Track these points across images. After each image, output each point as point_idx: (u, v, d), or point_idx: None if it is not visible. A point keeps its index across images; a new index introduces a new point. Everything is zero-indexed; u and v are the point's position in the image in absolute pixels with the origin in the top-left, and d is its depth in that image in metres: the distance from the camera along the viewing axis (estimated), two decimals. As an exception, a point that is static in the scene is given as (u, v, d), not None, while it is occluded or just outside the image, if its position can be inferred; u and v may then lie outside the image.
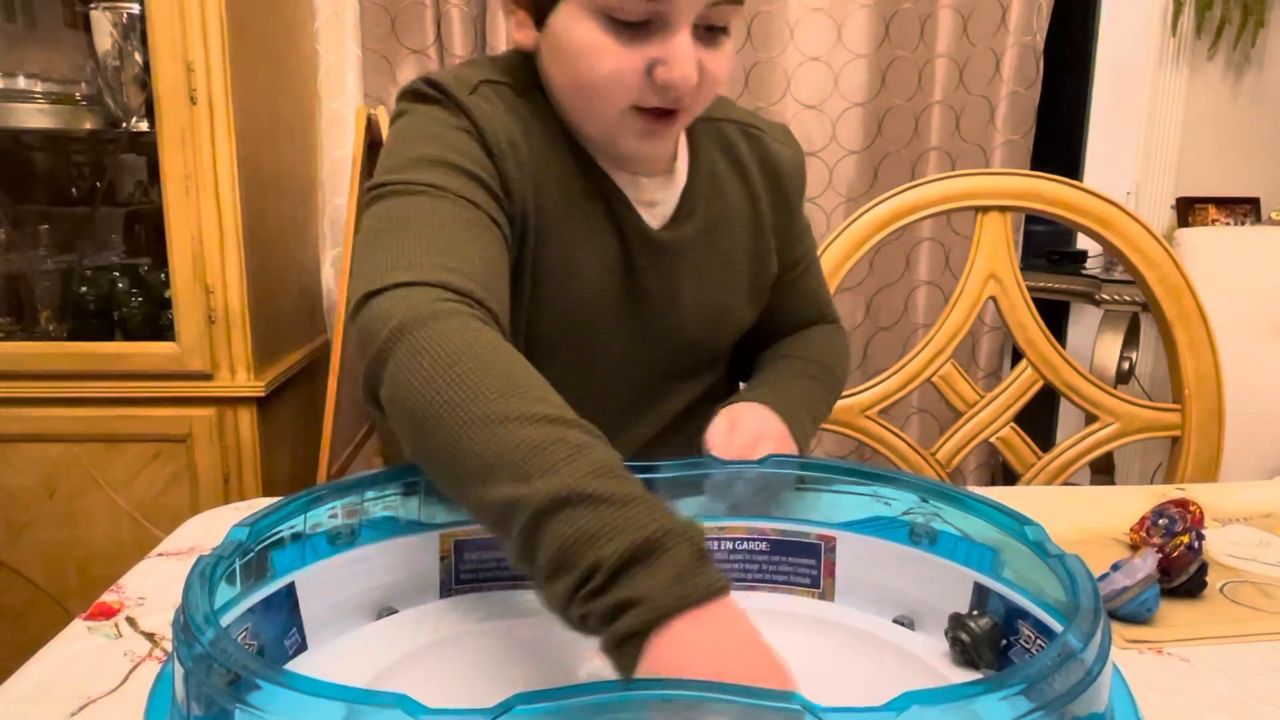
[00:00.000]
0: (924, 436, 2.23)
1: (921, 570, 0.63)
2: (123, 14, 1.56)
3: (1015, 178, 1.20)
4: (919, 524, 0.65)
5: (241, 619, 0.54)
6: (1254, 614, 0.67)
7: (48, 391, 1.56)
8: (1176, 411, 1.16)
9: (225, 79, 1.48)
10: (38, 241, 1.73)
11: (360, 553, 0.63)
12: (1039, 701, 0.39)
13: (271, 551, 0.58)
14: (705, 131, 0.85)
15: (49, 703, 0.54)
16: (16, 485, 1.60)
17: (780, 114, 2.06)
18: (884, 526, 0.66)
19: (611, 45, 0.69)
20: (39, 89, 1.62)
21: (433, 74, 0.76)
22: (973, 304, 1.20)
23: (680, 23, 0.69)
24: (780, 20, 2.03)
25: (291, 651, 0.58)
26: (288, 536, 0.59)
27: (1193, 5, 2.24)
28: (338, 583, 0.62)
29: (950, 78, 2.09)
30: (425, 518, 0.67)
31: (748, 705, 0.38)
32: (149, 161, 1.69)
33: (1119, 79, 2.34)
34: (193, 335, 1.54)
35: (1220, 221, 2.23)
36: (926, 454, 1.20)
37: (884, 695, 0.37)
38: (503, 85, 0.77)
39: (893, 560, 0.65)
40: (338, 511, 0.63)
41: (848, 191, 2.12)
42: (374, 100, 1.97)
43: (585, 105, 0.74)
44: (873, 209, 1.21)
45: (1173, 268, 1.15)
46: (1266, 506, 0.89)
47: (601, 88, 0.71)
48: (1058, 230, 2.32)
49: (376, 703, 0.37)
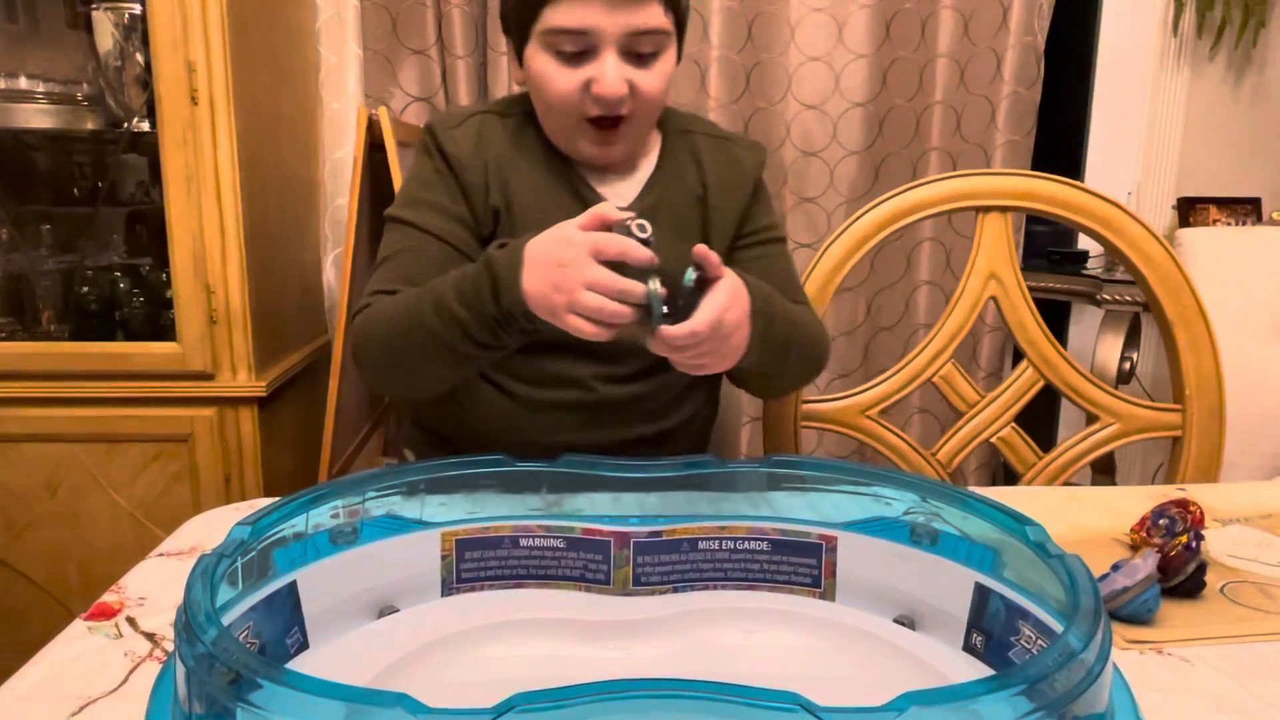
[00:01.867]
0: (925, 436, 2.23)
1: (922, 570, 0.63)
2: (124, 14, 1.56)
3: (1016, 178, 1.20)
4: (920, 524, 0.65)
5: (243, 618, 0.54)
6: (1254, 614, 0.67)
7: (49, 391, 1.56)
8: (1177, 412, 1.16)
9: (226, 79, 1.48)
10: (39, 241, 1.73)
11: (362, 552, 0.64)
12: (1040, 702, 0.39)
13: (273, 550, 0.58)
14: (679, 140, 1.04)
15: (49, 703, 0.54)
16: (18, 485, 1.60)
17: (781, 114, 2.06)
18: (885, 527, 0.66)
19: (559, 71, 0.91)
20: (40, 89, 1.62)
21: (433, 119, 1.01)
22: (974, 304, 1.20)
23: (604, 49, 0.89)
24: (781, 20, 2.03)
25: (293, 650, 0.58)
26: (289, 536, 0.60)
27: (1194, 5, 2.24)
28: (339, 582, 0.62)
29: (951, 78, 2.09)
30: (426, 517, 0.67)
31: (747, 705, 0.38)
32: (150, 162, 1.69)
33: (1120, 79, 2.34)
34: (194, 335, 1.54)
35: (1221, 222, 2.23)
36: (927, 454, 1.20)
37: (884, 695, 0.38)
38: (491, 114, 1.01)
39: (893, 560, 0.65)
40: (339, 511, 0.64)
41: (849, 191, 2.12)
42: (375, 100, 1.97)
43: (552, 120, 0.96)
44: (874, 209, 1.21)
45: (1174, 268, 1.15)
46: (1267, 507, 0.89)
47: (556, 104, 0.93)
48: (1059, 230, 2.32)
49: (378, 703, 0.37)
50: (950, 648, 0.61)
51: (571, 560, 0.68)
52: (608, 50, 0.89)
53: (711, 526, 0.68)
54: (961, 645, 0.61)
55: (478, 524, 0.67)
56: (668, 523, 0.68)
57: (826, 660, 0.62)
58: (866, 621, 0.64)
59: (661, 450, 1.01)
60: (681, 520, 0.69)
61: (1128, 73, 2.32)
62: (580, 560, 0.68)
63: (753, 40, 2.03)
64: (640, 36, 0.90)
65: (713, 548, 0.69)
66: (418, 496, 0.67)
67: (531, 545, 0.68)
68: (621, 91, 0.90)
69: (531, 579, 0.68)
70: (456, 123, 1.00)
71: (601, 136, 0.94)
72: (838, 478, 0.69)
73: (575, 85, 0.91)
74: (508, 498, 0.70)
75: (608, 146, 0.95)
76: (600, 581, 0.68)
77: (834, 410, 1.21)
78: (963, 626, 0.61)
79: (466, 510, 0.68)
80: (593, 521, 0.68)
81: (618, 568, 0.68)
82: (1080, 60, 2.38)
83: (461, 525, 0.67)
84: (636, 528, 0.68)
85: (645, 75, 0.91)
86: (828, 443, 2.22)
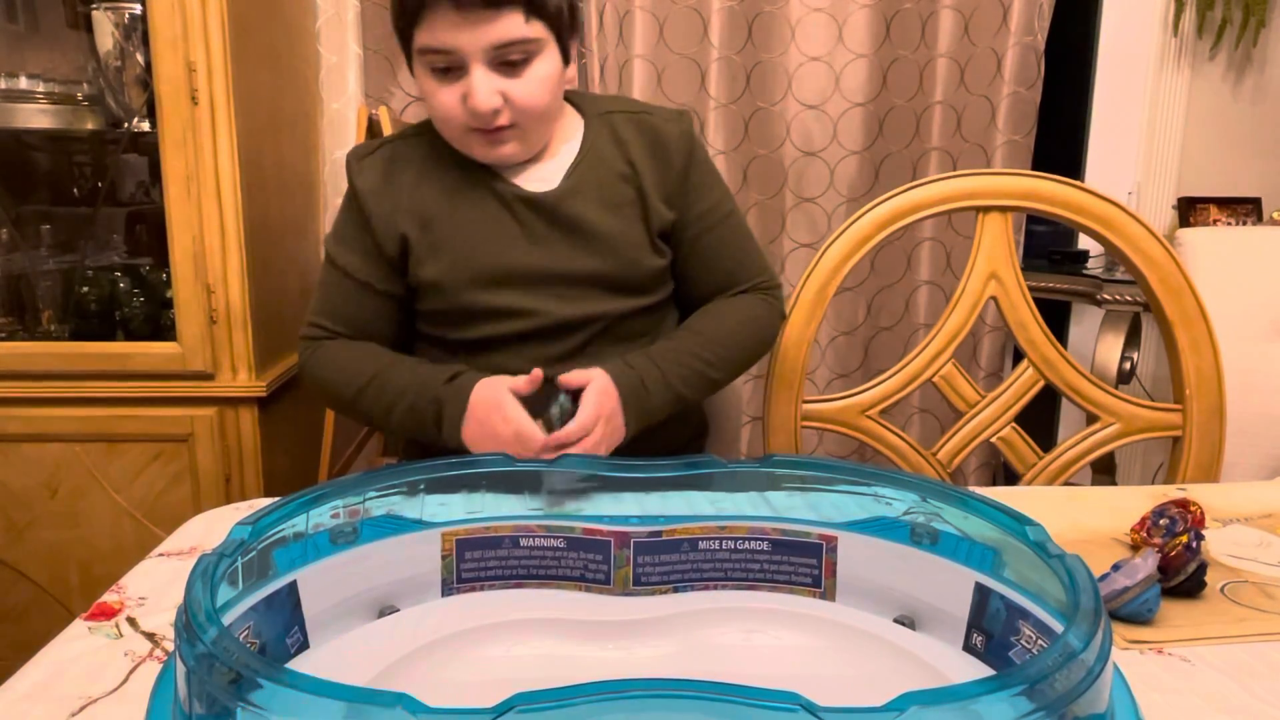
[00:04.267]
0: (925, 436, 2.23)
1: (923, 570, 0.63)
2: (124, 14, 1.56)
3: (1016, 178, 1.20)
4: (920, 524, 0.65)
5: (243, 618, 0.54)
6: (1254, 614, 0.67)
7: (49, 391, 1.56)
8: (1177, 412, 1.16)
9: (226, 79, 1.48)
10: (39, 241, 1.73)
11: (362, 551, 0.64)
12: (1040, 702, 0.39)
13: (273, 550, 0.58)
14: (599, 122, 1.07)
15: (49, 703, 0.54)
16: (18, 485, 1.60)
17: (781, 114, 2.06)
18: (885, 527, 0.66)
19: (437, 87, 0.96)
20: (41, 89, 1.62)
21: (351, 150, 1.07)
22: (974, 304, 1.20)
23: (472, 65, 0.93)
24: (781, 20, 2.03)
25: (293, 650, 0.58)
26: (290, 535, 0.60)
27: (1194, 5, 2.24)
28: (339, 581, 0.62)
29: (951, 78, 2.09)
30: (427, 516, 0.67)
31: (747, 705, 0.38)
32: (150, 162, 1.69)
33: (1120, 79, 2.34)
34: (194, 335, 1.54)
35: (1222, 222, 2.23)
36: (927, 454, 1.20)
37: (884, 695, 0.38)
38: (402, 140, 1.07)
39: (894, 560, 0.65)
40: (339, 511, 0.63)
41: (849, 191, 2.12)
42: (375, 100, 1.97)
43: (443, 130, 1.01)
44: (874, 209, 1.21)
45: (1174, 268, 1.15)
46: (1267, 506, 0.89)
47: (441, 119, 0.99)
48: (1059, 230, 2.32)
49: (378, 703, 0.37)
50: (950, 647, 0.61)
51: (572, 560, 0.68)
52: (475, 65, 0.93)
53: (711, 526, 0.68)
54: (962, 645, 0.61)
55: (478, 524, 0.67)
56: (668, 523, 0.68)
57: (827, 660, 0.62)
58: (867, 621, 0.64)
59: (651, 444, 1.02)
60: (681, 520, 0.69)
61: (1128, 73, 2.32)
62: (581, 560, 0.68)
63: (753, 40, 2.03)
64: (505, 48, 0.93)
65: (713, 548, 0.68)
66: (418, 496, 0.67)
67: (532, 545, 0.68)
68: (492, 105, 0.94)
69: (532, 579, 0.68)
70: (367, 152, 1.06)
71: (488, 139, 0.99)
72: (838, 478, 0.69)
73: (454, 99, 0.96)
74: (507, 498, 0.71)
75: (497, 148, 1.00)
76: (600, 581, 0.68)
77: (834, 410, 1.21)
78: (963, 626, 0.61)
79: (466, 510, 0.68)
80: (593, 521, 0.68)
81: (618, 567, 0.68)
82: (1080, 60, 2.38)
83: (462, 525, 0.67)
84: (636, 528, 0.68)
85: (518, 84, 0.95)
86: (828, 443, 2.22)
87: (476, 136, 0.98)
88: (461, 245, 1.02)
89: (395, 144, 1.06)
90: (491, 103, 0.94)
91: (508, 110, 0.96)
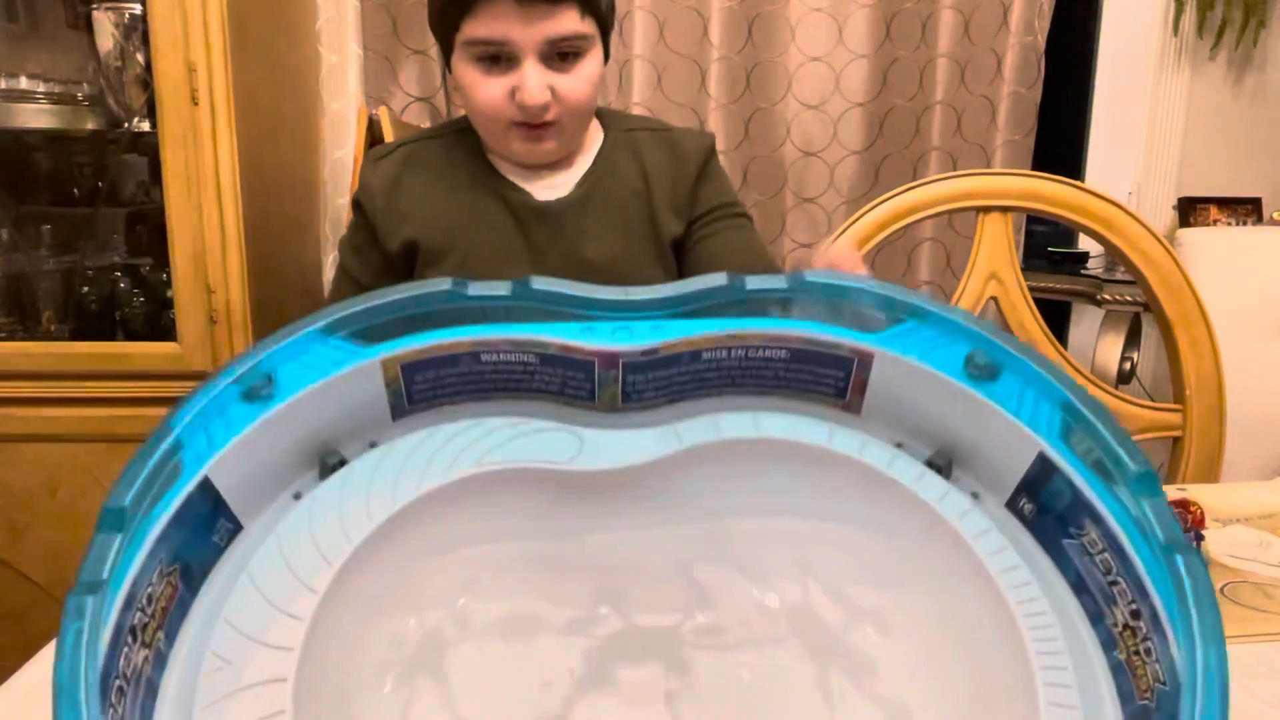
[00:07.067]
0: (925, 437, 2.23)
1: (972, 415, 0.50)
2: (124, 14, 1.56)
3: (1016, 178, 1.20)
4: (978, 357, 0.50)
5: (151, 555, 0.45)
6: (1254, 614, 0.67)
7: (49, 391, 1.56)
8: (1177, 412, 1.16)
9: (227, 79, 1.48)
10: (39, 242, 1.73)
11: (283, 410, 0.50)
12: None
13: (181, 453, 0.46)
14: (622, 138, 1.06)
15: (49, 703, 0.54)
16: (18, 485, 1.60)
17: (781, 114, 2.06)
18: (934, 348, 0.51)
19: (483, 79, 0.93)
20: (41, 89, 1.62)
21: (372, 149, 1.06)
22: (974, 304, 1.20)
23: (524, 58, 0.91)
24: (781, 20, 2.03)
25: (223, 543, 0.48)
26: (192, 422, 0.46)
27: (1194, 5, 2.23)
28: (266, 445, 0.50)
29: (951, 78, 2.09)
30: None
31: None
32: (150, 162, 1.68)
33: (1120, 79, 2.34)
34: (194, 335, 1.54)
35: (1222, 222, 2.23)
36: (927, 454, 1.19)
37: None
38: (419, 142, 1.05)
39: (940, 394, 0.51)
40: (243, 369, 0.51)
41: (849, 192, 2.12)
42: (376, 100, 1.97)
43: (483, 126, 0.99)
44: (874, 209, 1.21)
45: (1174, 268, 1.15)
46: (1267, 507, 0.89)
47: (484, 110, 0.96)
48: (1059, 230, 2.32)
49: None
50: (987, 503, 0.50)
51: (547, 375, 0.53)
52: (528, 58, 0.92)
53: (719, 335, 0.53)
54: (1005, 502, 0.50)
55: (427, 343, 0.52)
56: (665, 337, 0.54)
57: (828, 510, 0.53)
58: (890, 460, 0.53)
59: None
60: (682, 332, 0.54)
61: (1128, 73, 2.32)
62: (559, 376, 0.53)
63: (753, 40, 2.03)
64: (559, 42, 0.92)
65: (720, 357, 0.54)
66: None
67: (497, 360, 0.53)
68: (543, 99, 0.93)
69: (499, 392, 0.54)
70: (385, 154, 1.05)
71: (532, 135, 0.97)
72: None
73: (500, 93, 0.94)
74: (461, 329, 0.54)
75: (538, 144, 0.98)
76: (583, 398, 0.54)
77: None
78: (1010, 487, 0.50)
79: None
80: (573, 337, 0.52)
81: (604, 386, 0.54)
82: (1080, 60, 2.38)
83: (404, 348, 0.51)
84: (626, 346, 0.52)
85: (567, 79, 0.94)
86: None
87: (519, 132, 0.97)
88: (466, 253, 1.02)
89: (413, 146, 1.06)
90: (542, 96, 0.93)
91: (555, 105, 0.95)
